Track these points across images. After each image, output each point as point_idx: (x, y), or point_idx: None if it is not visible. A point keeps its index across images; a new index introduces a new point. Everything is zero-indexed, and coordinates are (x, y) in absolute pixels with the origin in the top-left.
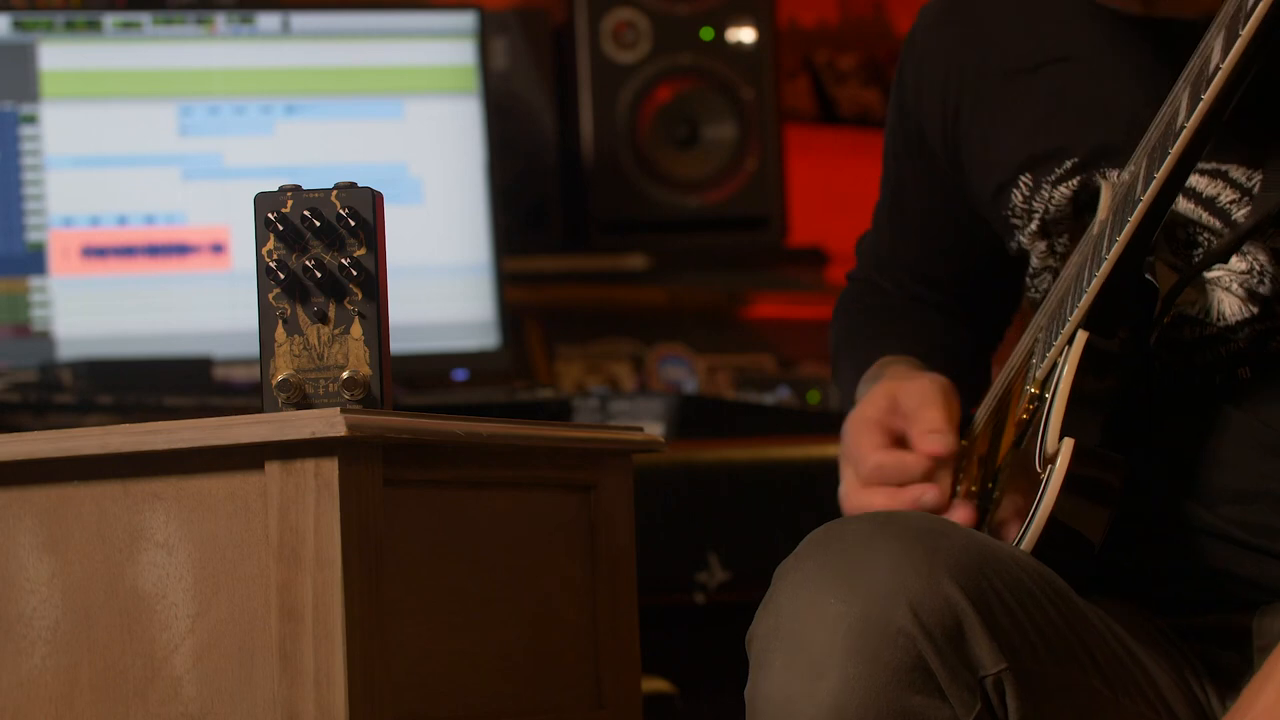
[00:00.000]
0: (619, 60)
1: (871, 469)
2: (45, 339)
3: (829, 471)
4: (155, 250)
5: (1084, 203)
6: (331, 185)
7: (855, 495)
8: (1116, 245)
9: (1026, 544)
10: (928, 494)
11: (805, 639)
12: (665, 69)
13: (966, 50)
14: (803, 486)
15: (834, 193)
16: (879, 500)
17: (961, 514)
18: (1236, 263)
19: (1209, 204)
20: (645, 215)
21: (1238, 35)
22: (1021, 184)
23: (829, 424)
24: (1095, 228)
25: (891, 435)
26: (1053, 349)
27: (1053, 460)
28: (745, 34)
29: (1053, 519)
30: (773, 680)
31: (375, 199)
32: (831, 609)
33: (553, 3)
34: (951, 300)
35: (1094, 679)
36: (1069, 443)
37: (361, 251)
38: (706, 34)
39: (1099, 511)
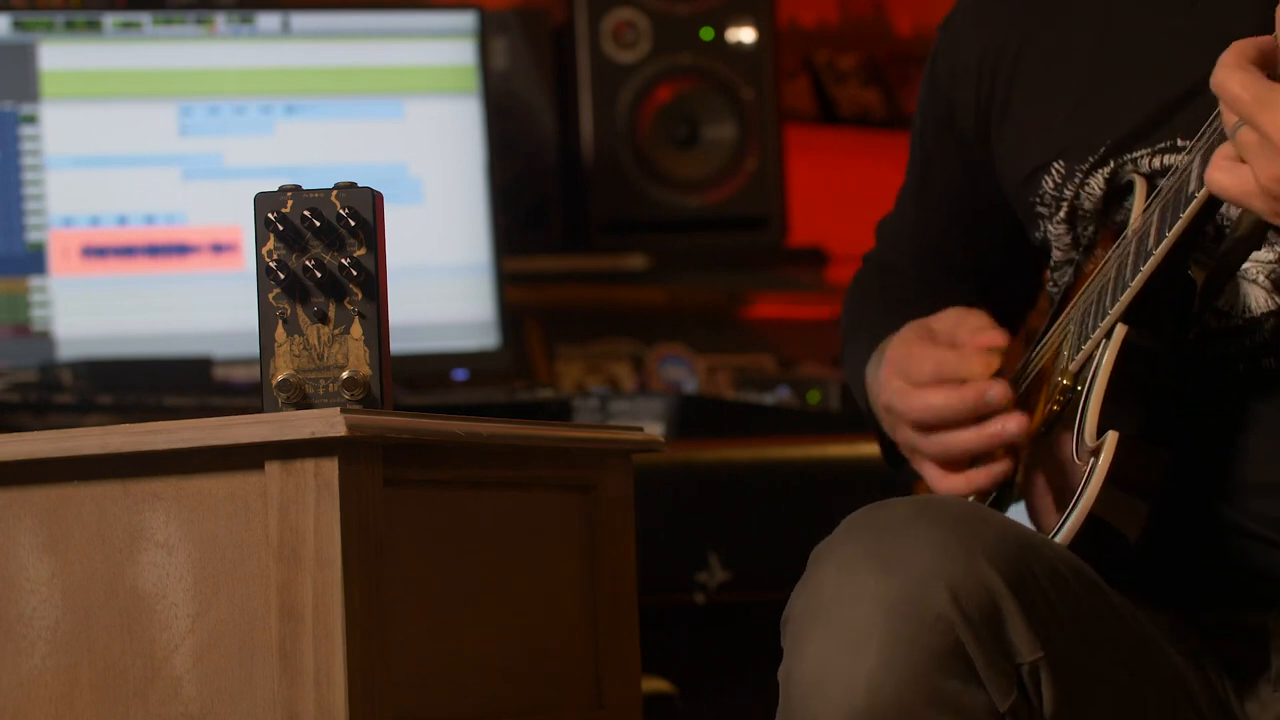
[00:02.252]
0: (619, 60)
1: (933, 366)
2: (45, 339)
3: (829, 471)
4: (155, 250)
5: (1113, 196)
6: (331, 185)
7: (912, 396)
8: (1166, 240)
9: (1064, 536)
10: (993, 389)
11: (842, 619)
12: (665, 69)
13: (1005, 32)
14: (803, 486)
15: (834, 193)
16: (940, 398)
17: (1015, 422)
18: (1263, 252)
19: None
20: (645, 215)
21: None
22: (1054, 170)
23: (829, 424)
24: (1135, 222)
25: (939, 347)
26: (1089, 341)
27: (1095, 454)
28: (745, 34)
29: (1093, 515)
30: (808, 659)
31: (375, 199)
32: (870, 591)
33: (553, 3)
34: (970, 289)
35: (1125, 672)
36: (1113, 436)
37: (361, 251)
38: (706, 34)
39: (1138, 506)
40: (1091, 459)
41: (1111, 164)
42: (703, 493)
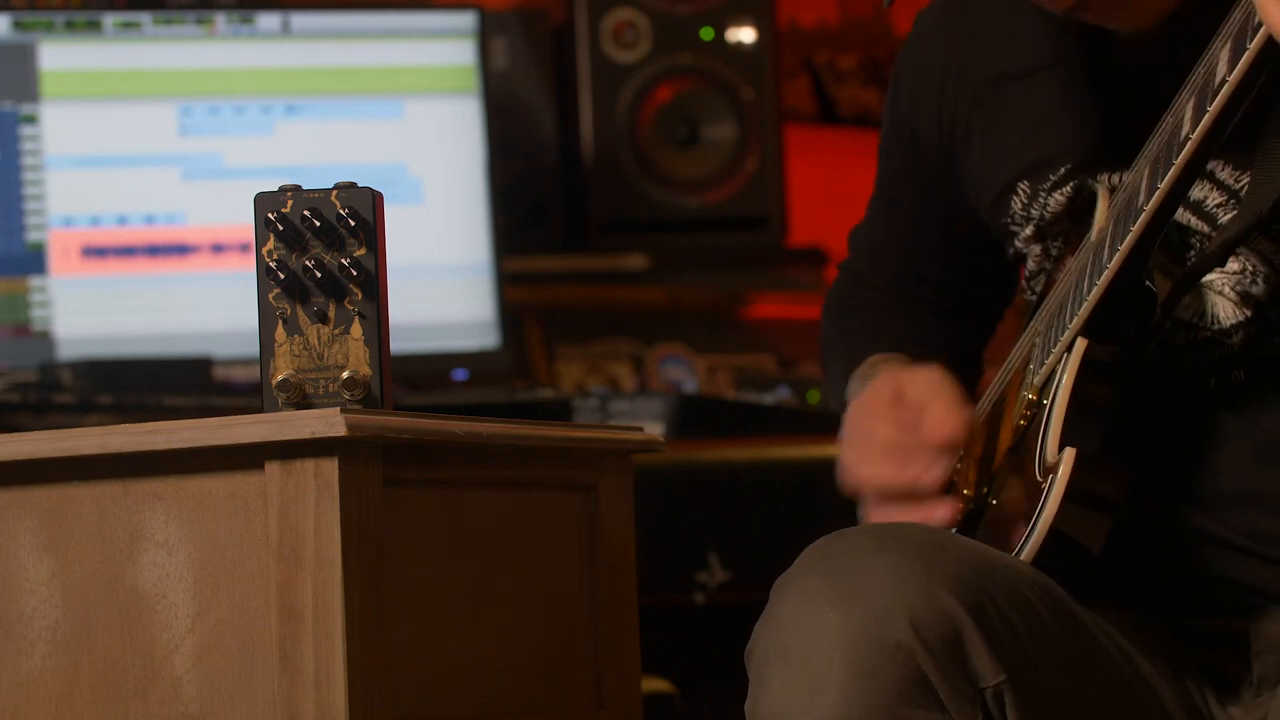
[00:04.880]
0: (619, 60)
1: (884, 442)
2: (45, 339)
3: (829, 471)
4: (155, 250)
5: (1079, 208)
6: (331, 185)
7: (861, 465)
8: (1118, 254)
9: (1027, 554)
10: (930, 473)
11: (804, 654)
12: (665, 69)
13: (963, 57)
14: (802, 486)
15: (834, 193)
16: (883, 471)
17: (944, 511)
18: (1229, 264)
19: (1196, 207)
20: (645, 215)
21: (1245, 49)
22: (1020, 191)
23: (829, 424)
24: (1094, 235)
25: (899, 422)
26: (1051, 355)
27: (1054, 470)
28: (745, 34)
29: (1054, 530)
30: (772, 695)
31: (375, 199)
32: (830, 623)
33: (553, 3)
34: (943, 296)
35: (1092, 689)
36: (1070, 453)
37: (361, 251)
38: (706, 34)
39: (1100, 520)
40: (1051, 475)
41: (1072, 184)
42: (703, 493)
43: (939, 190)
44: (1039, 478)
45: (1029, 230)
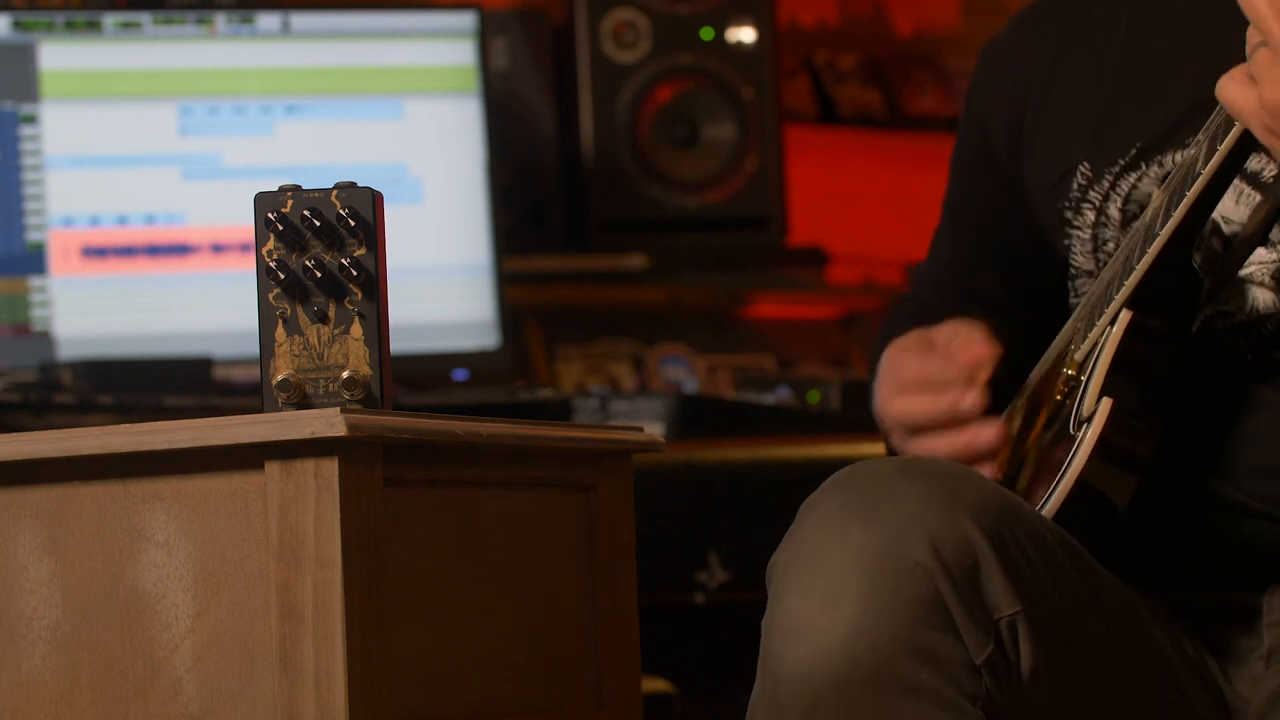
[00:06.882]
0: (619, 60)
1: (916, 372)
2: (45, 339)
3: (829, 471)
4: (155, 250)
5: (1132, 214)
6: (331, 185)
7: (893, 400)
8: (1172, 220)
9: (1053, 504)
10: (967, 399)
11: (824, 568)
12: (665, 69)
13: (1040, 51)
14: (803, 486)
15: (834, 193)
16: (918, 404)
17: (989, 432)
18: (1266, 253)
19: (1252, 179)
20: (645, 215)
21: None
22: (1080, 173)
23: (829, 424)
24: (1146, 216)
25: (927, 358)
26: (1094, 330)
27: (1089, 419)
28: (745, 34)
29: (1082, 479)
30: (789, 607)
31: (375, 199)
32: (852, 538)
33: (553, 3)
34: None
35: (1103, 633)
36: (1107, 402)
37: (361, 251)
38: (706, 34)
39: (1127, 476)
40: (1084, 425)
41: (1143, 166)
42: (703, 493)
43: (1006, 201)
44: (1073, 431)
45: (1089, 217)
